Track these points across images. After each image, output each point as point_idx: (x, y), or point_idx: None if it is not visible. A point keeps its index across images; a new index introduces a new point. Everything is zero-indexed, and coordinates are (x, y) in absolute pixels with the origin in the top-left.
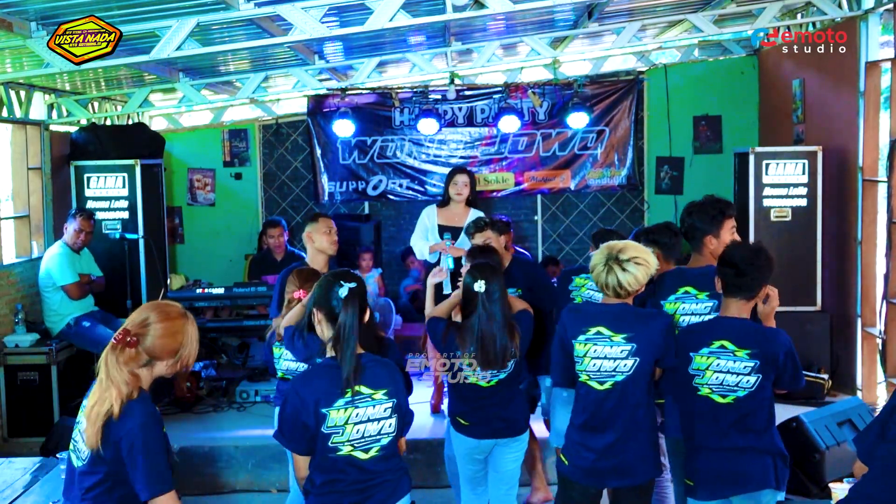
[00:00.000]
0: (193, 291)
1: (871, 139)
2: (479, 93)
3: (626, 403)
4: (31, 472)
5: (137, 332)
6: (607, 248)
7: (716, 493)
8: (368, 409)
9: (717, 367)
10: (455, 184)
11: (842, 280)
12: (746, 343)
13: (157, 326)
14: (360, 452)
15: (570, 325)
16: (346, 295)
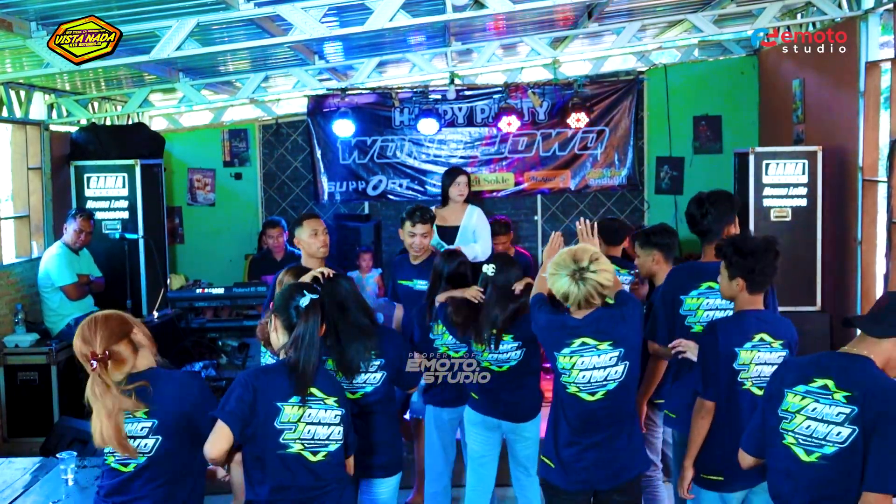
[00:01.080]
0: (193, 291)
1: (871, 139)
2: (479, 93)
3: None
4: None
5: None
6: (564, 264)
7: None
8: (320, 412)
9: (758, 360)
10: (458, 184)
11: (842, 280)
12: (780, 334)
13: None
14: (309, 454)
15: None
16: (307, 305)
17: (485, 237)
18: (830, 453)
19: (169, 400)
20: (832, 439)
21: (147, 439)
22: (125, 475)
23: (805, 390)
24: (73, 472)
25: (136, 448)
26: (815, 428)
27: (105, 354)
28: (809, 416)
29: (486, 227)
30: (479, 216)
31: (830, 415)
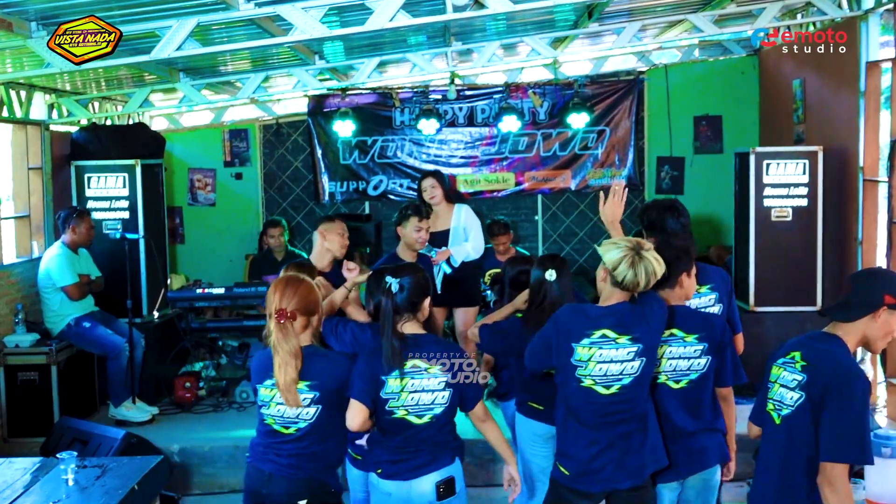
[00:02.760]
0: (193, 291)
1: (871, 139)
2: (480, 93)
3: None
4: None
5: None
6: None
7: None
8: (423, 380)
9: (669, 355)
10: (424, 190)
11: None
12: (693, 328)
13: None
14: (413, 417)
15: None
16: (386, 288)
17: (476, 234)
18: (786, 415)
19: (327, 375)
20: (788, 403)
21: (309, 408)
22: (286, 436)
23: (782, 362)
24: (73, 472)
25: (297, 415)
26: (782, 393)
27: (291, 314)
28: (780, 382)
29: (477, 224)
30: (468, 213)
31: (790, 381)
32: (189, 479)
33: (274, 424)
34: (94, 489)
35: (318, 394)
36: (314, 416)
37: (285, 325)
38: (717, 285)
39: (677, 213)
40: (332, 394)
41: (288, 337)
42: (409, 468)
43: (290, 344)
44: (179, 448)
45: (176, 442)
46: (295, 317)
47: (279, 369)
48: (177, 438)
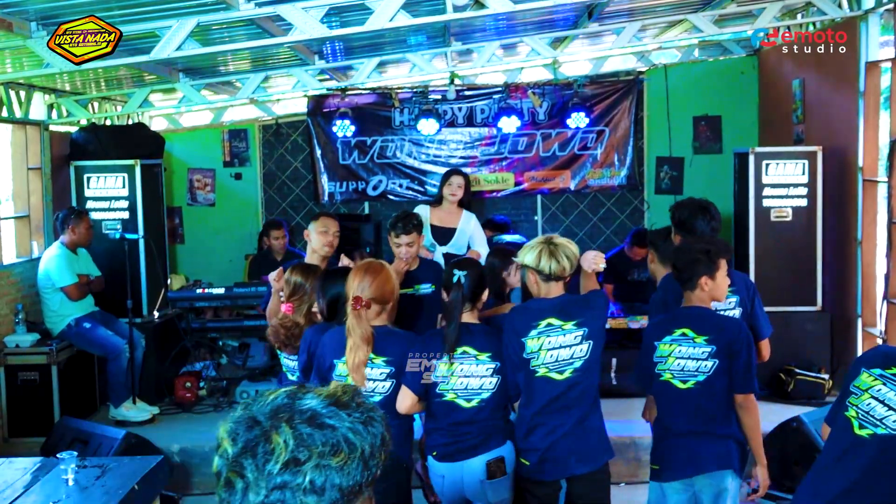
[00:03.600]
0: (193, 291)
1: (871, 139)
2: (479, 93)
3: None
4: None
5: None
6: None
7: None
8: (472, 366)
9: (678, 354)
10: (450, 184)
11: (842, 280)
12: (704, 330)
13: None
14: (462, 401)
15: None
16: (455, 281)
17: (482, 242)
18: (883, 434)
19: (401, 353)
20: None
21: (385, 382)
22: None
23: (879, 374)
24: (73, 472)
25: (374, 389)
26: (874, 407)
27: (366, 302)
28: (872, 394)
29: (483, 237)
30: (476, 224)
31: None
32: (189, 479)
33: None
34: (94, 489)
35: (393, 369)
36: (389, 389)
37: (359, 311)
38: (738, 289)
39: (709, 216)
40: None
41: (361, 323)
42: (462, 450)
43: (363, 329)
44: (179, 448)
45: (176, 442)
46: (370, 305)
47: (350, 352)
48: (177, 438)
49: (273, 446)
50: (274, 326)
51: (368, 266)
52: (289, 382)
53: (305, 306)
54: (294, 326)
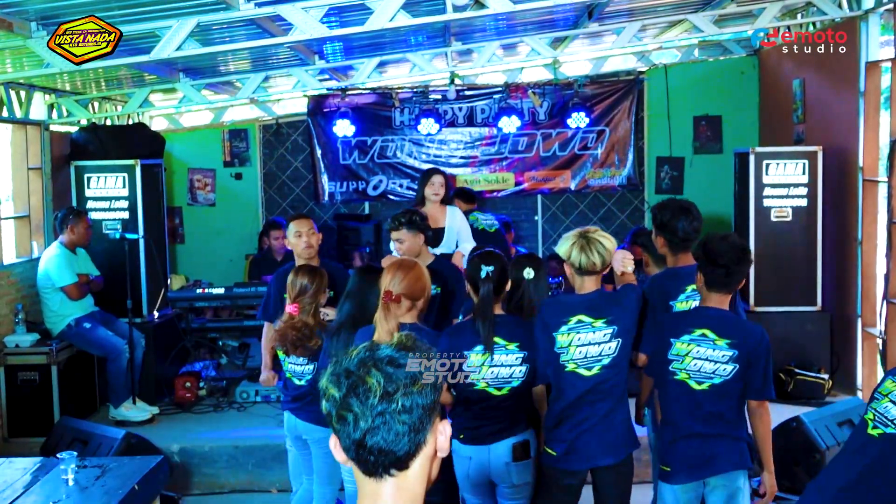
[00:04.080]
0: (193, 291)
1: (871, 139)
2: (480, 93)
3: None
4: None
5: None
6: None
7: (695, 475)
8: (502, 356)
9: (696, 354)
10: (432, 184)
11: (842, 280)
12: (726, 333)
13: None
14: (493, 390)
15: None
16: (484, 276)
17: (468, 238)
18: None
19: None
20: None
21: None
22: None
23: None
24: (73, 472)
25: None
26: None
27: (396, 297)
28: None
29: (468, 228)
30: (462, 218)
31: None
32: (189, 479)
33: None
34: (94, 489)
35: None
36: None
37: (389, 306)
38: None
39: (690, 217)
40: None
41: (389, 318)
42: (488, 433)
43: (390, 324)
44: (179, 448)
45: (176, 442)
46: (399, 300)
47: None
48: (177, 438)
49: (369, 386)
50: (281, 329)
51: (402, 263)
52: (293, 387)
53: (311, 307)
54: (304, 326)
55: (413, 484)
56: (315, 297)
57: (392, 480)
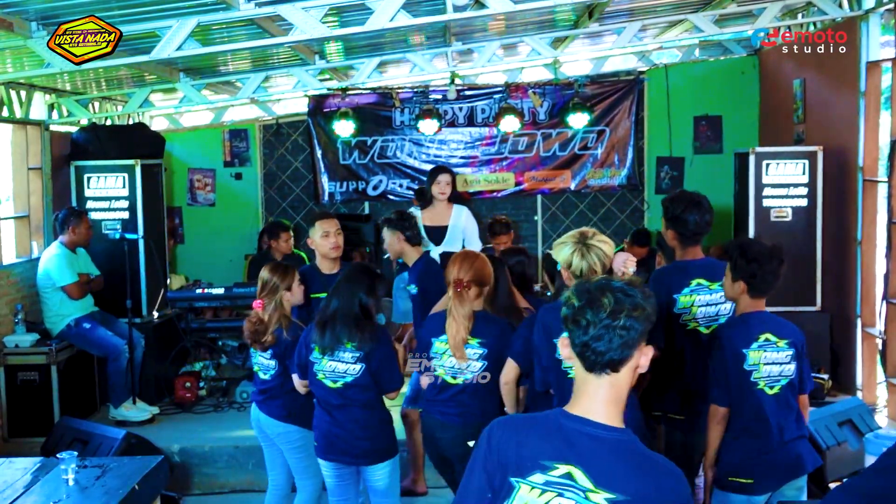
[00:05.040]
0: (193, 291)
1: (871, 139)
2: (480, 93)
3: None
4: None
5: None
6: (570, 237)
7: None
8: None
9: (766, 360)
10: (438, 183)
11: (842, 280)
12: (784, 334)
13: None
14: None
15: None
16: None
17: (474, 238)
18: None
19: (492, 337)
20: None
21: (477, 362)
22: (455, 387)
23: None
24: (73, 472)
25: (467, 367)
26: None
27: (465, 284)
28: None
29: (475, 228)
30: (468, 216)
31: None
32: (189, 479)
33: (444, 375)
34: (94, 489)
35: (486, 350)
36: (480, 369)
37: (461, 292)
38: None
39: (702, 211)
40: (497, 352)
41: (464, 303)
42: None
43: (466, 309)
44: (179, 448)
45: (176, 442)
46: (469, 286)
47: (452, 329)
48: (177, 438)
49: (602, 304)
50: (246, 324)
51: (466, 254)
52: (259, 381)
53: (272, 303)
54: (258, 322)
55: (621, 384)
56: (275, 293)
57: (606, 378)
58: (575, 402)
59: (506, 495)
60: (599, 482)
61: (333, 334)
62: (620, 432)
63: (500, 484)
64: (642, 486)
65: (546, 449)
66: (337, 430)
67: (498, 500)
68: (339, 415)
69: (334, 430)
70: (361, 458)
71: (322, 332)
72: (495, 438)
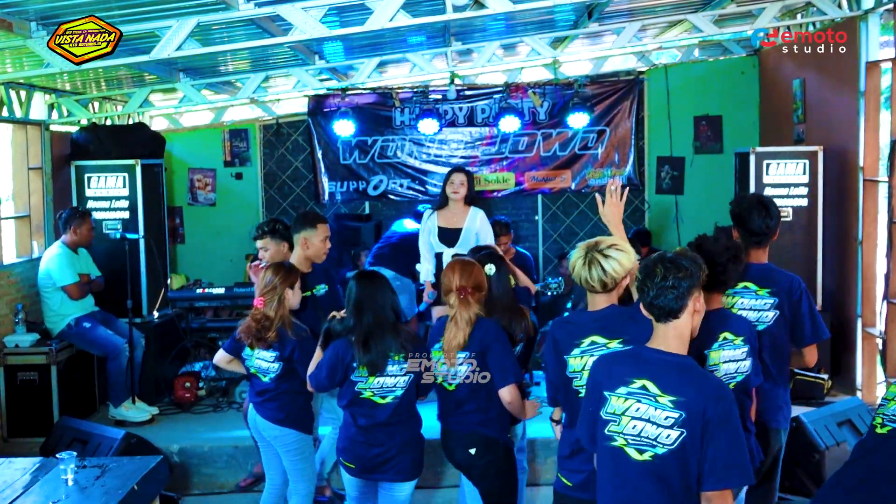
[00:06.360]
0: (194, 291)
1: (871, 139)
2: (480, 93)
3: None
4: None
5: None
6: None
7: None
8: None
9: (724, 359)
10: (451, 182)
11: (842, 280)
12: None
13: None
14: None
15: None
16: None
17: (489, 240)
18: None
19: (476, 339)
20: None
21: (462, 366)
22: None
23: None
24: (73, 472)
25: (456, 372)
26: None
27: (469, 290)
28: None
29: (489, 231)
30: (483, 220)
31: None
32: (189, 479)
33: (443, 383)
34: (93, 489)
35: (467, 353)
36: (466, 372)
37: (465, 298)
38: (777, 290)
39: (765, 212)
40: (482, 349)
41: (470, 308)
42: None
43: (471, 312)
44: (179, 448)
45: (176, 442)
46: (473, 293)
47: (451, 333)
48: (177, 438)
49: (656, 272)
50: (246, 322)
51: (461, 261)
52: (258, 383)
53: (273, 300)
54: (264, 318)
55: (682, 327)
56: (276, 290)
57: (671, 323)
58: (652, 341)
59: (602, 405)
60: (665, 389)
61: (380, 350)
62: (681, 357)
63: (597, 398)
64: (694, 390)
65: (628, 370)
66: (377, 450)
67: (597, 410)
68: (382, 432)
69: (375, 451)
70: (397, 475)
71: (367, 349)
72: (593, 369)
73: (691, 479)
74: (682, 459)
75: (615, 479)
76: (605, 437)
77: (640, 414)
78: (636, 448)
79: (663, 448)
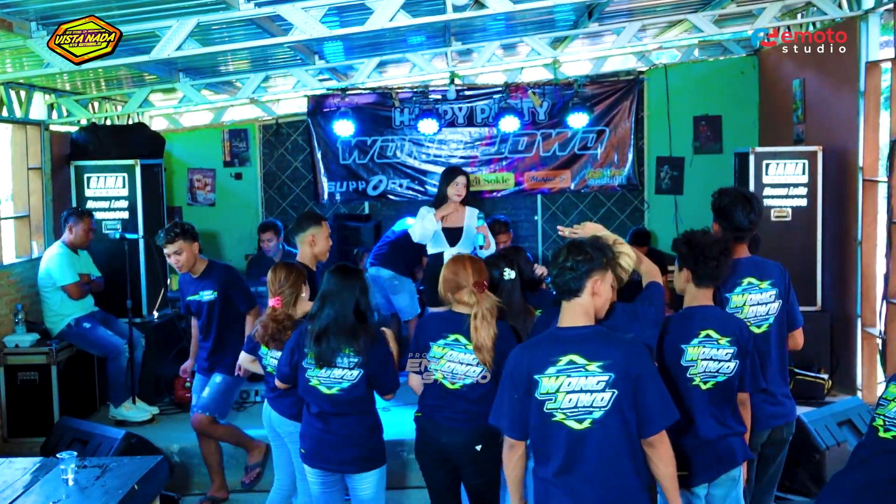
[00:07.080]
0: None
1: (871, 139)
2: (480, 93)
3: None
4: (31, 472)
5: None
6: None
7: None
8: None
9: (704, 356)
10: (456, 184)
11: (842, 280)
12: (728, 332)
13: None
14: (447, 383)
15: None
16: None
17: (490, 238)
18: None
19: None
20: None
21: (476, 367)
22: (457, 391)
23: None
24: (73, 472)
25: (466, 373)
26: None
27: (481, 285)
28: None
29: (486, 229)
30: (482, 218)
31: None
32: (189, 479)
33: (442, 380)
34: (94, 489)
35: None
36: (478, 374)
37: (484, 292)
38: (776, 280)
39: (749, 208)
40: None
41: (489, 298)
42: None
43: (490, 302)
44: (179, 448)
45: (176, 442)
46: (485, 287)
47: (483, 332)
48: (177, 438)
49: (559, 255)
50: (263, 322)
51: (467, 256)
52: (272, 380)
53: (292, 298)
54: (286, 318)
55: (585, 304)
56: (294, 288)
57: (575, 301)
58: (560, 321)
59: (534, 389)
60: (592, 357)
61: (330, 346)
62: (595, 327)
63: (527, 384)
64: (619, 352)
65: (552, 351)
66: (327, 437)
67: (528, 395)
68: (333, 421)
69: (325, 437)
70: (349, 465)
71: (318, 342)
72: (515, 360)
73: (631, 428)
74: (619, 416)
75: (560, 449)
76: (546, 415)
77: (573, 387)
78: (575, 419)
79: (600, 411)
